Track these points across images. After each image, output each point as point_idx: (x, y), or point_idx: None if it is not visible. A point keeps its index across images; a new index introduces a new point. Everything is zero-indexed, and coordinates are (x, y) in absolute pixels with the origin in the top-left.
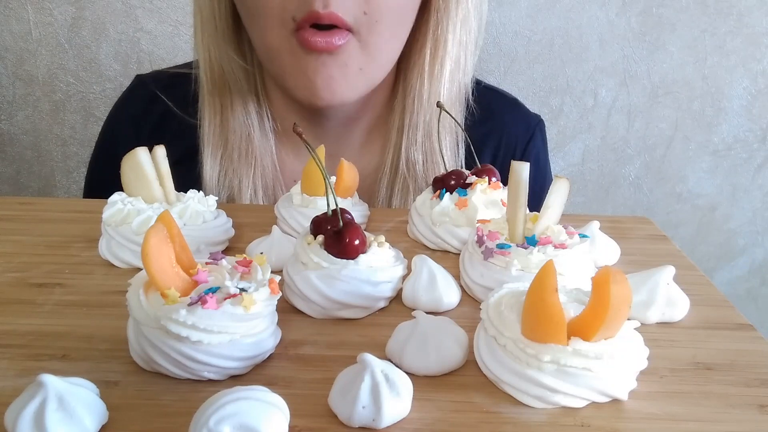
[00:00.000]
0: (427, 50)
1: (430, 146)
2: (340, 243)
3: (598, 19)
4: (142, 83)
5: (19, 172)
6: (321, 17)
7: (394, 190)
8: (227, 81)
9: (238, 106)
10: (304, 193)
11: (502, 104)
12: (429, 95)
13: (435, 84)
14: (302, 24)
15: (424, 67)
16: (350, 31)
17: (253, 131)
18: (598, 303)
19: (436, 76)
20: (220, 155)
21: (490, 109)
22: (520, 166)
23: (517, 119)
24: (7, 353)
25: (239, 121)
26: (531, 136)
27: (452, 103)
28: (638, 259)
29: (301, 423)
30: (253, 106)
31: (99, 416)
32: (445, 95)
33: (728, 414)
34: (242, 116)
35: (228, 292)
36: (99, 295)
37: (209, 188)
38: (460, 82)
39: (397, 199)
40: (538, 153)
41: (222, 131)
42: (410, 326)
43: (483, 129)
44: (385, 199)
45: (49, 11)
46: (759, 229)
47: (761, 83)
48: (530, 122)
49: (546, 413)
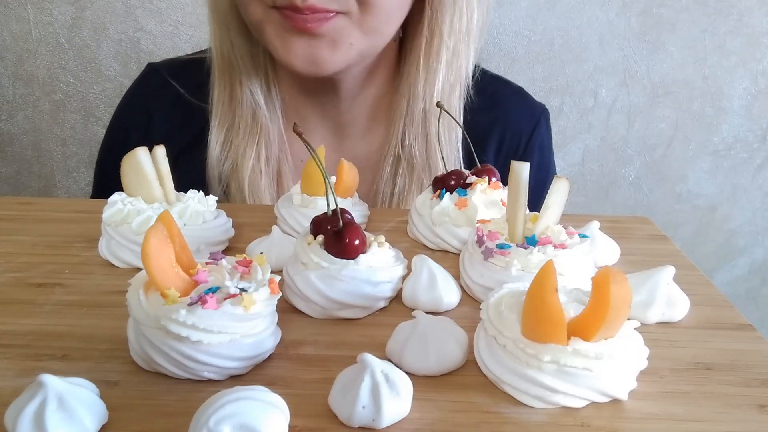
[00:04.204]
0: (423, 39)
1: (428, 133)
2: (340, 243)
3: (598, 19)
4: (154, 70)
5: (19, 172)
6: (300, 10)
7: (398, 170)
8: (234, 59)
9: (245, 83)
10: (304, 193)
11: (507, 93)
12: (425, 83)
13: (431, 73)
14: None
15: (420, 56)
16: (338, 13)
17: (259, 106)
18: (598, 303)
19: (431, 65)
20: (227, 127)
21: (495, 98)
22: (520, 166)
23: (522, 107)
24: (7, 353)
25: (246, 97)
26: (536, 125)
27: (450, 90)
28: (638, 259)
29: (301, 423)
30: (259, 82)
31: (99, 416)
32: (441, 84)
33: (728, 414)
34: (248, 91)
35: (228, 292)
36: (99, 295)
37: (213, 156)
38: (459, 69)
39: (401, 179)
40: (543, 141)
41: (230, 106)
42: (410, 326)
43: (488, 117)
44: (390, 177)
45: (49, 11)
46: (759, 229)
47: (761, 83)
48: (535, 111)
49: (546, 413)
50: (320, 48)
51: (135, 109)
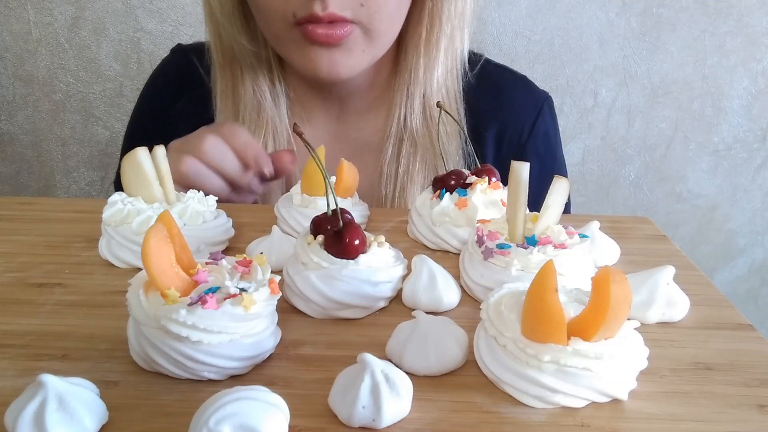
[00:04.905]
0: (423, 29)
1: (428, 116)
2: (340, 243)
3: (598, 19)
4: (182, 50)
5: (19, 172)
6: (320, 18)
7: (401, 150)
8: (237, 58)
9: (248, 79)
10: (304, 193)
11: (510, 80)
12: (425, 69)
13: (430, 59)
14: (302, 21)
15: (420, 44)
16: (352, 22)
17: (264, 101)
18: (598, 303)
19: (431, 52)
20: None
21: (498, 86)
22: (520, 166)
23: (524, 95)
24: (7, 353)
25: (249, 93)
26: (539, 112)
27: (448, 73)
28: (638, 259)
29: (301, 423)
30: (264, 78)
31: (99, 416)
32: (440, 68)
33: (728, 414)
34: (251, 88)
35: (228, 292)
36: (99, 295)
37: None
38: (455, 52)
39: (405, 159)
40: (547, 129)
41: (234, 102)
42: (410, 326)
43: (491, 103)
44: (393, 158)
45: (49, 11)
46: (759, 229)
47: (761, 83)
48: (539, 98)
49: (546, 413)
50: (338, 56)
51: (162, 84)
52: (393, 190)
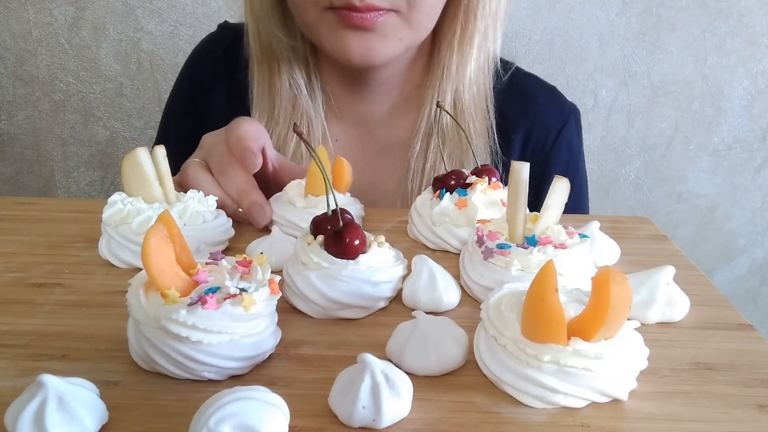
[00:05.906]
0: (458, 25)
1: (459, 111)
2: (340, 243)
3: (598, 19)
4: (229, 28)
5: (19, 172)
6: (358, 9)
7: (429, 146)
8: (275, 52)
9: (284, 73)
10: (309, 194)
11: (538, 89)
12: (457, 66)
13: (464, 56)
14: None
15: (455, 40)
16: (389, 10)
17: (300, 95)
18: (598, 303)
19: (465, 49)
20: (267, 118)
21: (527, 93)
22: (519, 166)
23: (551, 105)
24: (7, 353)
25: (285, 87)
26: (565, 122)
27: (480, 71)
28: (638, 259)
29: (301, 423)
30: (300, 72)
31: (99, 416)
32: (473, 65)
33: (728, 414)
34: (288, 81)
35: (228, 292)
36: (99, 295)
37: None
38: (488, 51)
39: (432, 155)
40: (572, 140)
41: (270, 96)
42: (410, 326)
43: (518, 110)
44: (422, 153)
45: (49, 11)
46: (759, 229)
47: (761, 83)
48: (565, 109)
49: (546, 413)
50: (373, 41)
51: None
52: (420, 185)
